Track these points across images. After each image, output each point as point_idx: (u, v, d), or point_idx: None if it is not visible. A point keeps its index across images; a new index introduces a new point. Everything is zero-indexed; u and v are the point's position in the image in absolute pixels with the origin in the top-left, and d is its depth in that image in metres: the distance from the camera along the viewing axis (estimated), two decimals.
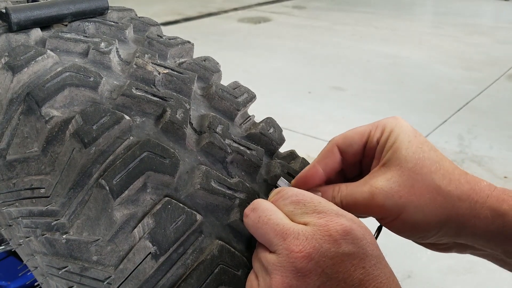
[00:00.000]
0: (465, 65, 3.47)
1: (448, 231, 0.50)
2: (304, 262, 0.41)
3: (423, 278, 1.49)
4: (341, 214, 0.44)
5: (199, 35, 4.20)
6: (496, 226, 0.49)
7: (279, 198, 0.47)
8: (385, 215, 0.50)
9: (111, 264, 0.47)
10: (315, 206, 0.45)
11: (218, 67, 0.66)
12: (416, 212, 0.49)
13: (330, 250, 0.42)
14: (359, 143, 0.53)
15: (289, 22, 4.81)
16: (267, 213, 0.45)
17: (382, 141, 0.52)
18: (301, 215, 0.45)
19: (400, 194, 0.48)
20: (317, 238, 0.42)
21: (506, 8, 5.63)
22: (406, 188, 0.48)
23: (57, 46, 0.58)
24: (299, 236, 0.42)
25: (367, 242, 0.43)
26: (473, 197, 0.49)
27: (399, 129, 0.51)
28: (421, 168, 0.49)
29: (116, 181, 0.46)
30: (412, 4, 5.92)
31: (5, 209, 0.56)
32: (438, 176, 0.49)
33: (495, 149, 2.26)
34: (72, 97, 0.52)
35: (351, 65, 3.47)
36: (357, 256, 0.42)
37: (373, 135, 0.53)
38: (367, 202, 0.49)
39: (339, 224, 0.43)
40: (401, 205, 0.48)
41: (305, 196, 0.46)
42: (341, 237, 0.42)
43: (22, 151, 0.52)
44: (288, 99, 2.82)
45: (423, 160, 0.49)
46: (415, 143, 0.50)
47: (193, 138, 0.54)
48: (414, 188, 0.48)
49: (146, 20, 0.72)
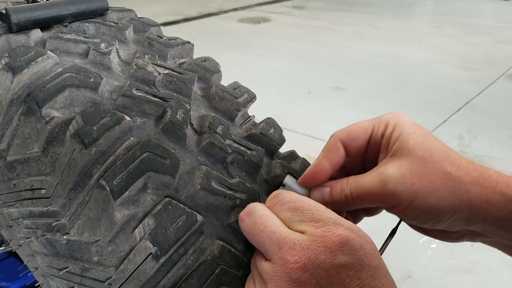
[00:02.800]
0: (465, 65, 3.47)
1: (460, 216, 0.50)
2: (299, 273, 0.41)
3: (423, 278, 1.49)
4: (339, 223, 0.44)
5: (199, 35, 4.20)
6: (508, 211, 0.49)
7: (276, 203, 0.47)
8: (398, 202, 0.49)
9: (111, 264, 0.47)
10: (313, 214, 0.44)
11: (218, 68, 0.66)
12: (429, 198, 0.48)
13: (325, 261, 0.41)
14: (363, 138, 0.53)
15: (289, 22, 4.81)
16: (263, 219, 0.45)
17: (387, 135, 0.52)
18: (298, 223, 0.44)
19: (412, 180, 0.48)
20: (313, 249, 0.42)
21: (506, 8, 5.63)
22: (417, 175, 0.48)
23: (57, 47, 0.58)
24: (295, 246, 0.42)
25: (365, 252, 0.42)
26: (482, 182, 0.49)
27: (403, 123, 0.52)
28: (430, 156, 0.49)
29: (116, 181, 0.46)
30: (412, 4, 5.93)
31: (6, 210, 0.56)
32: (448, 164, 0.49)
33: (495, 149, 2.26)
34: (73, 97, 0.52)
35: (351, 65, 3.47)
36: (353, 267, 0.41)
37: (377, 130, 0.53)
38: (378, 191, 0.49)
39: (336, 234, 0.42)
40: (414, 192, 0.48)
41: (303, 202, 0.46)
42: (337, 248, 0.42)
43: (23, 152, 0.52)
44: (288, 99, 2.82)
45: (430, 149, 0.50)
46: (420, 134, 0.51)
47: (194, 138, 0.54)
48: (425, 174, 0.48)
49: (146, 20, 0.72)
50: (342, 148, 0.53)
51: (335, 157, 0.53)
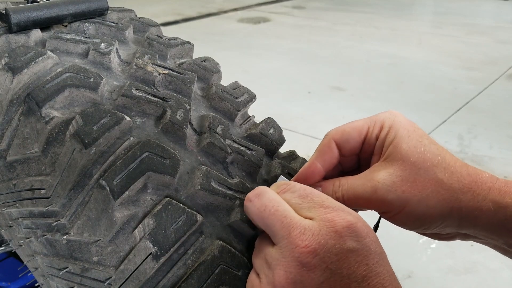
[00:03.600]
0: (465, 65, 3.47)
1: (451, 222, 0.50)
2: (309, 257, 0.41)
3: (423, 278, 1.49)
4: (347, 211, 0.44)
5: (199, 35, 4.20)
6: (498, 218, 0.49)
7: (286, 190, 0.47)
8: (388, 209, 0.50)
9: (111, 264, 0.47)
10: (323, 201, 0.45)
11: (218, 68, 0.66)
12: (419, 205, 0.49)
13: (335, 246, 0.42)
14: (357, 139, 0.53)
15: (289, 22, 4.81)
16: (274, 203, 0.45)
17: (381, 137, 0.52)
18: (308, 209, 0.45)
19: (403, 188, 0.48)
20: (323, 233, 0.42)
21: (506, 8, 5.63)
22: (408, 182, 0.49)
23: (57, 47, 0.58)
24: (305, 231, 0.42)
25: (371, 239, 0.43)
26: (475, 189, 0.49)
27: (398, 124, 0.52)
28: (423, 162, 0.49)
29: (116, 181, 0.46)
30: (412, 4, 5.93)
31: (6, 210, 0.56)
32: (440, 170, 0.49)
33: (495, 149, 2.26)
34: (72, 98, 0.52)
35: (351, 65, 3.47)
36: (361, 253, 0.42)
37: (371, 132, 0.53)
38: (369, 196, 0.49)
39: (345, 220, 0.43)
40: (404, 199, 0.48)
41: (313, 190, 0.47)
42: (346, 233, 0.42)
43: (23, 152, 0.52)
44: (288, 99, 2.82)
45: (424, 153, 0.50)
46: (415, 137, 0.51)
47: (194, 138, 0.54)
48: (416, 182, 0.49)
49: (145, 20, 0.72)
50: (336, 148, 0.53)
51: (328, 158, 0.53)
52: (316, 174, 0.53)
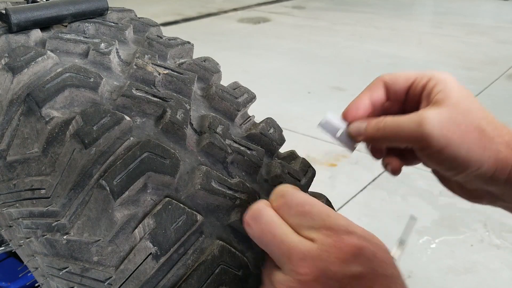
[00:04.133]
0: (465, 65, 3.47)
1: (485, 172, 0.51)
2: (311, 285, 0.40)
3: (423, 278, 1.49)
4: (351, 231, 0.42)
5: (199, 35, 4.20)
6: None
7: (283, 204, 0.45)
8: (429, 145, 0.50)
9: (111, 264, 0.47)
10: (324, 220, 0.43)
11: (218, 68, 0.66)
12: (460, 147, 0.49)
13: (337, 273, 0.40)
14: (404, 84, 0.55)
15: (289, 22, 4.81)
16: (271, 227, 0.44)
17: (429, 87, 0.53)
18: (308, 229, 0.43)
19: (449, 127, 0.49)
20: (323, 259, 0.41)
21: (506, 8, 5.63)
22: (454, 124, 0.49)
23: (57, 47, 0.58)
24: (305, 257, 0.41)
25: (378, 261, 0.41)
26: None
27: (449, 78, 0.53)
28: (469, 111, 0.50)
29: (116, 181, 0.46)
30: (412, 4, 5.93)
31: (6, 210, 0.56)
32: (485, 122, 0.51)
33: None
34: (72, 98, 0.52)
35: (351, 65, 3.47)
36: (366, 277, 0.40)
37: (418, 82, 0.54)
38: (413, 129, 0.49)
39: (348, 244, 0.41)
40: (447, 138, 0.49)
41: (313, 207, 0.44)
42: (350, 259, 0.41)
43: (23, 152, 0.52)
44: (288, 99, 2.82)
45: (471, 105, 0.51)
46: (464, 92, 0.52)
47: (194, 138, 0.54)
48: (462, 125, 0.49)
49: (145, 20, 0.72)
50: (384, 88, 0.55)
51: (376, 94, 0.55)
52: (364, 108, 0.54)
